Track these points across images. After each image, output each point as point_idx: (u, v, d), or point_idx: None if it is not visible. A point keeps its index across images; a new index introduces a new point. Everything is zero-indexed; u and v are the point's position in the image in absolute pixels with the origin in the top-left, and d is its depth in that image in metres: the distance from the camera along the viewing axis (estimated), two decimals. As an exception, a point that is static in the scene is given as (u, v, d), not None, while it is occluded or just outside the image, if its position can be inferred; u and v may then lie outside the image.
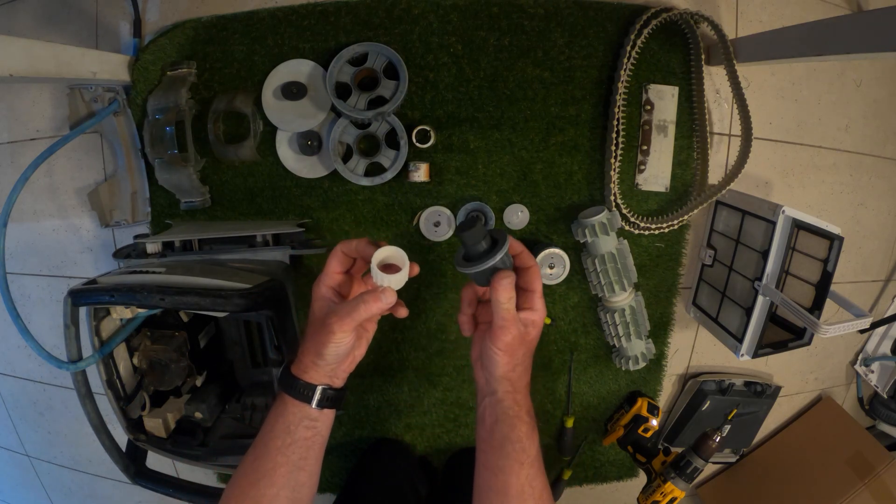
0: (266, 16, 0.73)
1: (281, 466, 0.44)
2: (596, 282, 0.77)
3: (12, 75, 0.53)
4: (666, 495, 0.74)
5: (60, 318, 0.62)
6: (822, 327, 0.64)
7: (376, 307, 0.43)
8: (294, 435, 0.44)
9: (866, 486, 0.89)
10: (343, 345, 0.44)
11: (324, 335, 0.43)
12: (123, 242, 0.82)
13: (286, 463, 0.44)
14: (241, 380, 0.87)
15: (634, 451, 0.83)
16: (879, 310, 1.03)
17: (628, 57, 0.72)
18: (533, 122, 0.76)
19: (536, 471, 0.46)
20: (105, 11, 0.77)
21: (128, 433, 0.70)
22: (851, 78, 0.86)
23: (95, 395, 0.67)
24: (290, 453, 0.44)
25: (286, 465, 0.44)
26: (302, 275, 0.79)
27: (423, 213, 0.77)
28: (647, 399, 0.87)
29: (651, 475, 0.78)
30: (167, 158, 0.71)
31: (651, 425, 0.85)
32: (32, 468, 1.16)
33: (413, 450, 0.91)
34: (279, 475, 0.44)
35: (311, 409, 0.45)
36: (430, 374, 0.86)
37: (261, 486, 0.44)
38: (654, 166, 0.78)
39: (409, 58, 0.73)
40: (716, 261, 0.81)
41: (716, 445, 0.70)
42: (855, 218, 0.93)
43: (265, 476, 0.44)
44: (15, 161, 0.85)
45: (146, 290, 0.58)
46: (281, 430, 0.44)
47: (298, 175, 0.76)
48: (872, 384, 1.07)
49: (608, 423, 0.92)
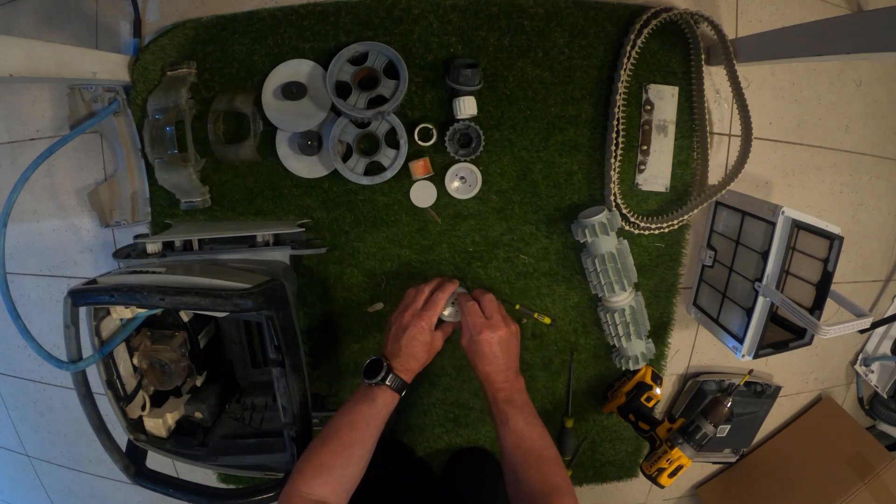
0: (266, 16, 0.73)
1: (370, 439, 0.61)
2: (596, 282, 0.77)
3: (12, 75, 0.53)
4: (672, 462, 0.71)
5: (60, 318, 0.62)
6: (822, 328, 0.64)
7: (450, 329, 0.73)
8: (380, 419, 0.62)
9: (866, 486, 0.89)
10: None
11: (431, 350, 0.68)
12: (123, 242, 0.82)
13: (373, 437, 0.62)
14: (241, 380, 0.87)
15: (637, 419, 0.81)
16: (879, 310, 1.03)
17: (628, 57, 0.72)
18: (533, 122, 0.76)
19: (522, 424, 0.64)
20: (105, 11, 0.77)
21: (128, 433, 0.71)
22: (851, 78, 0.86)
23: (95, 395, 0.67)
24: (375, 431, 0.62)
25: (372, 438, 0.62)
26: (302, 275, 0.80)
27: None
28: (650, 367, 0.84)
29: (655, 443, 0.76)
30: (167, 158, 0.71)
31: (655, 394, 0.82)
32: (32, 468, 1.16)
33: (413, 450, 0.91)
34: (368, 446, 0.61)
35: (397, 398, 0.64)
36: (430, 374, 0.86)
37: (354, 449, 0.60)
38: (654, 166, 0.78)
39: (409, 57, 0.73)
40: (716, 261, 0.81)
41: (727, 411, 0.68)
42: (855, 218, 0.93)
43: (357, 442, 0.60)
44: (15, 161, 0.85)
45: (146, 290, 0.58)
46: (373, 416, 0.62)
47: (298, 175, 0.76)
48: (872, 384, 1.07)
49: (609, 391, 0.89)
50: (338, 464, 0.59)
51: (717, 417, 0.69)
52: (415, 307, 0.68)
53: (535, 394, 0.88)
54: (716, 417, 0.69)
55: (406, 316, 0.67)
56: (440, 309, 0.69)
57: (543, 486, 0.58)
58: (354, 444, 0.60)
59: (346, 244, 0.79)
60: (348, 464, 0.59)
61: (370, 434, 0.61)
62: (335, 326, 0.83)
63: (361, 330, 0.84)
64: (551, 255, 0.80)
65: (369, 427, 0.61)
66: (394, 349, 0.66)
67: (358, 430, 0.60)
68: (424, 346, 0.66)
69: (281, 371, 0.64)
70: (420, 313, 0.67)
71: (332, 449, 0.59)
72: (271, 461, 0.72)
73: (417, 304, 0.68)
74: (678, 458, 0.71)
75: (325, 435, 0.61)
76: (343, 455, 0.59)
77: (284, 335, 0.63)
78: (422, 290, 0.70)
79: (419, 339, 0.66)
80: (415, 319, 0.66)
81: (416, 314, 0.67)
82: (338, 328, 0.84)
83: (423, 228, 0.79)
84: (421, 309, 0.67)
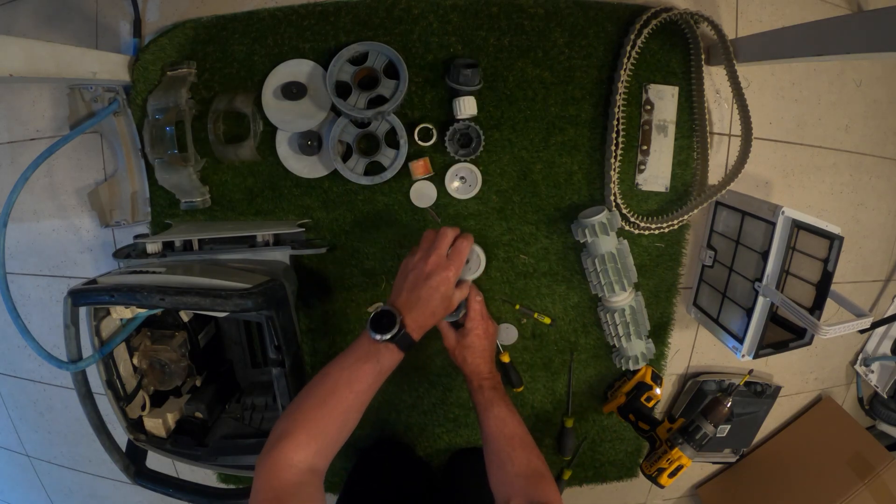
0: (266, 16, 0.73)
1: (366, 404, 0.55)
2: (596, 282, 0.76)
3: (12, 75, 0.53)
4: (672, 462, 0.71)
5: (60, 318, 0.62)
6: (822, 328, 0.64)
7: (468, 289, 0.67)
8: (381, 382, 0.56)
9: (866, 486, 0.89)
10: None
11: (448, 309, 0.61)
12: (123, 242, 0.82)
13: (368, 402, 0.55)
14: (241, 380, 0.87)
15: (637, 419, 0.81)
16: (879, 310, 1.03)
17: (628, 57, 0.72)
18: (533, 122, 0.76)
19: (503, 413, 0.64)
20: (105, 11, 0.77)
21: (128, 433, 0.71)
22: (851, 78, 0.86)
23: (95, 395, 0.67)
24: (372, 395, 0.56)
25: (368, 403, 0.56)
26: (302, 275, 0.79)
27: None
28: (650, 367, 0.84)
29: (655, 443, 0.76)
30: (167, 158, 0.71)
31: (655, 394, 0.82)
32: (32, 468, 1.16)
33: (413, 450, 0.91)
34: (362, 412, 0.55)
35: (401, 359, 0.57)
36: (430, 374, 0.86)
37: (341, 403, 0.53)
38: (654, 166, 0.78)
39: (409, 57, 0.73)
40: (716, 261, 0.81)
41: (727, 411, 0.68)
42: (855, 218, 0.93)
43: (355, 407, 0.54)
44: (15, 161, 0.85)
45: (146, 290, 0.58)
46: (376, 379, 0.55)
47: (298, 175, 0.76)
48: (872, 384, 1.07)
49: (608, 392, 0.89)
50: (333, 430, 0.52)
51: (717, 417, 0.69)
52: (439, 253, 0.58)
53: (535, 394, 0.88)
54: (716, 417, 0.69)
55: (430, 262, 0.57)
56: (465, 259, 0.60)
57: (527, 467, 0.58)
58: (352, 410, 0.53)
59: (346, 244, 0.79)
60: (342, 430, 0.53)
61: (368, 398, 0.55)
62: (335, 326, 0.83)
63: (361, 330, 0.83)
64: (551, 255, 0.80)
65: (370, 391, 0.54)
66: (409, 300, 0.57)
67: (359, 393, 0.53)
68: (445, 300, 0.58)
69: (281, 371, 0.64)
70: (445, 262, 0.58)
71: (329, 412, 0.52)
72: (271, 461, 0.72)
73: (441, 249, 0.59)
74: (678, 458, 0.71)
75: (321, 392, 0.53)
76: (340, 420, 0.52)
77: (284, 335, 0.64)
78: (444, 233, 0.60)
79: (441, 291, 0.57)
80: (439, 268, 0.57)
81: (441, 262, 0.58)
82: (338, 328, 0.84)
83: (423, 228, 0.79)
84: (446, 256, 0.59)
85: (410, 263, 0.60)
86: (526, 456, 0.60)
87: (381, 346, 0.55)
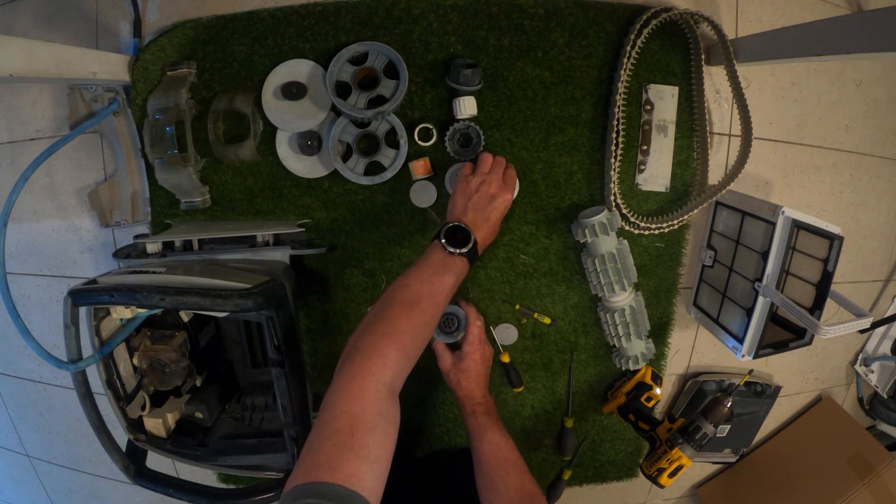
0: (266, 16, 0.73)
1: (439, 318, 0.56)
2: (596, 282, 0.76)
3: (12, 75, 0.53)
4: (672, 462, 0.72)
5: (60, 318, 0.62)
6: (822, 328, 0.64)
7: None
8: (454, 291, 0.56)
9: (866, 486, 0.89)
10: None
11: (496, 231, 0.63)
12: (123, 242, 0.82)
13: (440, 314, 0.55)
14: (241, 380, 0.87)
15: (637, 419, 0.81)
16: (879, 310, 1.03)
17: (628, 57, 0.72)
18: (533, 122, 0.76)
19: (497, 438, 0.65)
20: (105, 11, 0.77)
21: (128, 433, 0.71)
22: (851, 78, 0.86)
23: (95, 395, 0.67)
24: (445, 306, 0.56)
25: (440, 314, 0.55)
26: (302, 275, 0.79)
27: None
28: (650, 367, 0.84)
29: (655, 443, 0.76)
30: (167, 158, 0.71)
31: (655, 394, 0.82)
32: (32, 468, 1.16)
33: (413, 450, 0.91)
34: (436, 320, 0.54)
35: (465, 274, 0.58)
36: (429, 374, 0.86)
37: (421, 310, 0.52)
38: (654, 166, 0.78)
39: (409, 57, 0.73)
40: (716, 261, 0.81)
41: (727, 411, 0.68)
42: (855, 218, 0.93)
43: (434, 320, 0.54)
44: (15, 161, 0.85)
45: (146, 290, 0.58)
46: (451, 291, 0.55)
47: (298, 175, 0.76)
48: (872, 384, 1.07)
49: (609, 392, 0.89)
50: (418, 344, 0.50)
51: (717, 417, 0.69)
52: (499, 177, 0.61)
53: (535, 394, 0.88)
54: (716, 417, 0.69)
55: (493, 185, 0.60)
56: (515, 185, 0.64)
57: (521, 491, 0.60)
58: (431, 323, 0.52)
59: (346, 244, 0.79)
60: (422, 346, 0.51)
61: (441, 313, 0.54)
62: (335, 326, 0.83)
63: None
64: (551, 255, 0.80)
65: (445, 303, 0.54)
66: (476, 219, 0.60)
67: (438, 305, 0.52)
68: (499, 224, 0.62)
69: (281, 371, 0.64)
70: (504, 186, 0.61)
71: (415, 325, 0.49)
72: (271, 461, 0.72)
73: (500, 174, 0.62)
74: (678, 458, 0.71)
75: (404, 303, 0.50)
76: (423, 334, 0.50)
77: (284, 335, 0.63)
78: (501, 161, 0.65)
79: (501, 211, 0.61)
80: (502, 190, 0.60)
81: (502, 185, 0.61)
82: (338, 328, 0.84)
83: (423, 228, 0.79)
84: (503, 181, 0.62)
85: (473, 183, 0.62)
86: (520, 480, 0.62)
87: (457, 259, 0.57)
